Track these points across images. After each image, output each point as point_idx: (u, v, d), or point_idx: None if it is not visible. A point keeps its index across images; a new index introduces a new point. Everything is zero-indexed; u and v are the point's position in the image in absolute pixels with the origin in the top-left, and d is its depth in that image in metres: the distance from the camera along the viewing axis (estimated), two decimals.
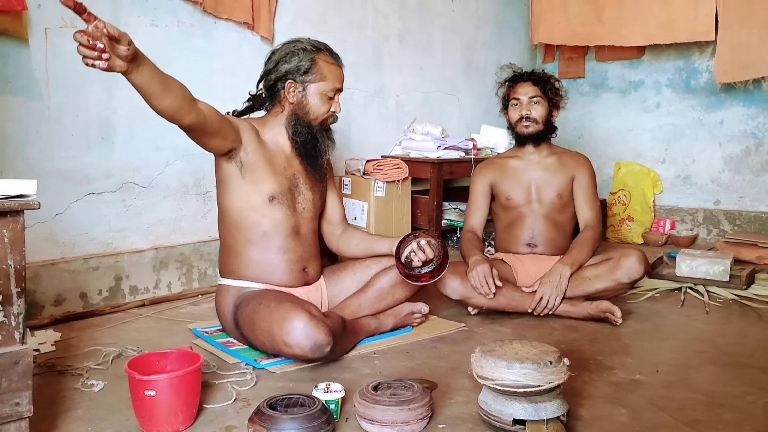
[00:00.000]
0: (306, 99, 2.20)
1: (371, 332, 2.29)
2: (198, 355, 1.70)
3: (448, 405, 1.77)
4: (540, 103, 2.81)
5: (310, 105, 2.21)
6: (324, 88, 2.20)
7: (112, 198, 2.71)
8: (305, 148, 2.24)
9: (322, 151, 2.26)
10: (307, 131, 2.22)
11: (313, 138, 2.24)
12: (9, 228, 1.30)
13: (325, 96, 2.21)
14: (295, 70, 2.19)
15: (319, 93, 2.20)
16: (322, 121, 2.25)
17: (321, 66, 2.19)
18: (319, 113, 2.22)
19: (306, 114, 2.21)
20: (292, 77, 2.19)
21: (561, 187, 2.85)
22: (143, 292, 2.80)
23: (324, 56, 2.21)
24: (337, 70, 2.24)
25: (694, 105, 4.44)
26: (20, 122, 2.42)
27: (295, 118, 2.22)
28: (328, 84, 2.20)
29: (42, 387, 1.84)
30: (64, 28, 2.49)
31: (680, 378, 1.99)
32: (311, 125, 2.23)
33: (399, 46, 3.98)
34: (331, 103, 2.24)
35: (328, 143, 2.28)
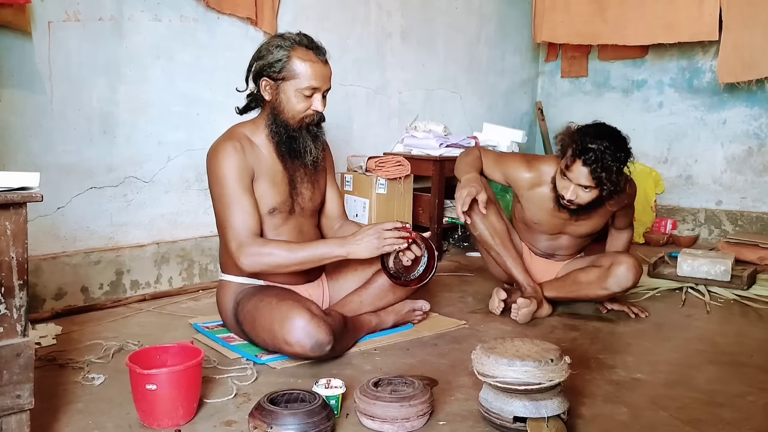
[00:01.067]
0: (280, 97, 2.10)
1: (372, 329, 2.28)
2: (199, 350, 1.70)
3: (448, 402, 1.77)
4: (591, 191, 2.40)
5: (284, 103, 2.10)
6: (298, 86, 2.07)
7: (113, 192, 2.71)
8: (281, 148, 2.14)
9: (300, 153, 2.15)
10: (283, 131, 2.12)
11: (290, 138, 2.13)
12: (12, 220, 1.30)
13: (300, 94, 2.08)
14: (268, 67, 2.09)
15: (293, 91, 2.08)
16: (300, 120, 2.12)
17: (294, 63, 2.06)
18: (294, 112, 2.10)
19: (281, 113, 2.11)
20: (266, 74, 2.10)
21: (594, 227, 2.68)
22: (144, 287, 2.80)
23: (301, 52, 2.07)
24: (315, 66, 2.07)
25: (696, 105, 4.43)
26: (23, 115, 2.42)
27: (273, 117, 2.13)
28: (301, 82, 2.06)
29: (43, 380, 1.83)
30: (68, 22, 2.49)
31: (681, 377, 1.99)
32: (288, 124, 2.12)
33: (402, 43, 3.97)
34: (310, 102, 2.10)
35: (308, 144, 2.15)
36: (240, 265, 2.03)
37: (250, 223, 2.05)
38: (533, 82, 5.16)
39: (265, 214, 2.13)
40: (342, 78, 3.60)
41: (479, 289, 3.05)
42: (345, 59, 3.61)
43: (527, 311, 2.47)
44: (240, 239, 2.03)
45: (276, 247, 2.06)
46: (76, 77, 2.54)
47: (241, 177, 2.07)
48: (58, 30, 2.47)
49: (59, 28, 2.48)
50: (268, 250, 2.04)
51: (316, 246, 2.12)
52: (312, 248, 2.10)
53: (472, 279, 3.25)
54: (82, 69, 2.55)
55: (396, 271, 2.16)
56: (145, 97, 2.77)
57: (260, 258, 2.03)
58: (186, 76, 2.90)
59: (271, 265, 2.05)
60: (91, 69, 2.59)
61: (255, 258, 2.02)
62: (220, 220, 2.09)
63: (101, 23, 2.59)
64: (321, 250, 2.09)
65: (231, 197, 2.05)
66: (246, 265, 2.03)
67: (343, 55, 3.58)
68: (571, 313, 2.67)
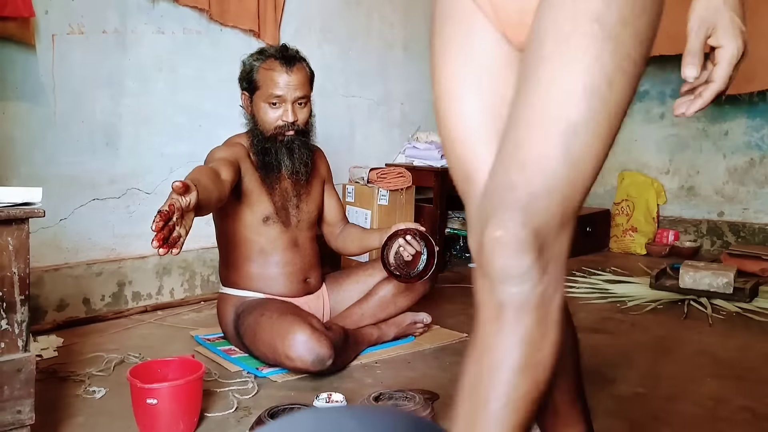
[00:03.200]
0: (253, 109, 2.18)
1: (373, 342, 2.28)
2: (199, 364, 1.70)
3: (449, 416, 1.76)
4: None
5: (258, 114, 2.16)
6: (263, 96, 2.12)
7: (116, 204, 2.71)
8: (257, 160, 2.16)
9: (273, 166, 2.15)
10: (259, 143, 2.15)
11: (264, 149, 2.15)
12: (14, 236, 1.30)
13: (267, 104, 2.12)
14: (242, 81, 2.18)
15: (262, 102, 2.14)
16: (273, 131, 2.14)
17: (259, 73, 2.13)
18: (266, 122, 2.14)
19: (258, 124, 2.16)
20: (242, 88, 2.19)
21: None
22: (146, 298, 2.80)
23: (269, 63, 2.12)
24: (278, 75, 2.10)
25: (698, 116, 4.43)
26: (27, 128, 2.43)
27: (252, 128, 2.19)
28: (265, 90, 2.12)
29: (44, 393, 1.83)
30: (71, 35, 2.51)
31: (682, 391, 1.99)
32: (264, 136, 2.15)
33: (404, 54, 3.99)
34: (278, 112, 2.12)
35: (282, 158, 2.14)
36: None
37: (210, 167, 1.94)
38: None
39: (260, 224, 2.15)
40: (344, 89, 3.61)
41: None
42: (347, 71, 3.62)
43: None
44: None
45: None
46: (79, 90, 2.56)
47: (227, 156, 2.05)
48: (62, 43, 2.49)
49: (63, 41, 2.49)
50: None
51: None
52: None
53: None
54: (85, 81, 2.57)
55: (396, 267, 2.19)
56: (148, 109, 2.78)
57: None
58: (189, 89, 2.91)
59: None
60: (95, 81, 2.60)
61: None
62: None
63: (105, 36, 2.61)
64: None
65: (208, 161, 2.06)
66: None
67: (345, 67, 3.60)
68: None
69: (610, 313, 2.86)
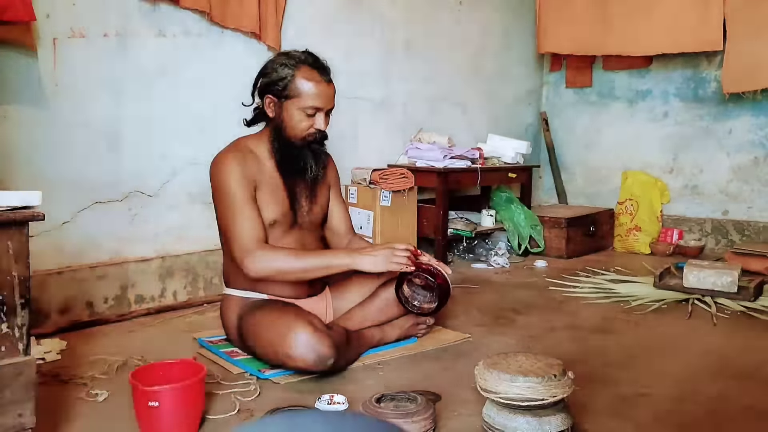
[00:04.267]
0: (283, 115, 2.12)
1: (376, 343, 2.28)
2: (201, 366, 1.70)
3: (451, 417, 1.76)
4: None
5: (287, 121, 2.12)
6: (301, 105, 2.09)
7: (118, 207, 2.72)
8: (283, 165, 2.16)
9: (300, 170, 2.17)
10: (285, 148, 2.15)
11: (291, 155, 2.15)
12: (13, 239, 1.30)
13: (303, 113, 2.10)
14: (272, 85, 2.11)
15: (297, 110, 2.10)
16: (302, 138, 2.14)
17: (298, 82, 2.08)
18: (297, 130, 2.12)
19: (284, 130, 2.13)
20: (271, 92, 2.13)
21: None
22: (149, 301, 2.80)
23: (305, 71, 2.09)
24: (318, 86, 2.09)
25: (702, 115, 4.42)
26: (29, 132, 2.44)
27: (276, 134, 2.15)
28: (304, 101, 2.09)
29: (47, 396, 1.84)
30: (73, 38, 2.51)
31: (687, 391, 1.97)
32: (290, 142, 2.14)
33: (405, 55, 3.98)
34: (312, 121, 2.12)
35: (308, 161, 2.16)
36: (247, 271, 2.03)
37: (256, 230, 2.05)
38: (538, 92, 5.16)
39: (266, 226, 2.14)
40: (346, 90, 3.60)
41: (484, 301, 3.04)
42: (349, 71, 3.62)
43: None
44: (247, 246, 2.03)
45: (283, 253, 2.06)
46: (81, 93, 2.56)
47: (244, 187, 2.08)
48: (63, 46, 2.49)
49: (64, 45, 2.50)
50: (275, 255, 2.04)
51: (323, 253, 2.15)
52: (320, 256, 2.11)
53: (477, 291, 3.25)
54: (87, 85, 2.57)
55: (407, 298, 2.22)
56: (150, 112, 2.78)
57: (267, 263, 2.02)
58: (190, 91, 2.91)
59: (279, 270, 2.04)
60: (96, 85, 2.61)
61: (262, 263, 2.02)
62: (226, 229, 2.09)
63: (106, 39, 2.61)
64: (328, 257, 2.10)
65: (236, 206, 2.06)
66: (253, 270, 2.02)
67: (347, 68, 3.59)
68: (576, 326, 2.66)
69: (614, 313, 2.85)
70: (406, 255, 2.09)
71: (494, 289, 3.31)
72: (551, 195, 5.16)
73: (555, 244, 4.15)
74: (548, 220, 4.18)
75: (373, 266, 2.07)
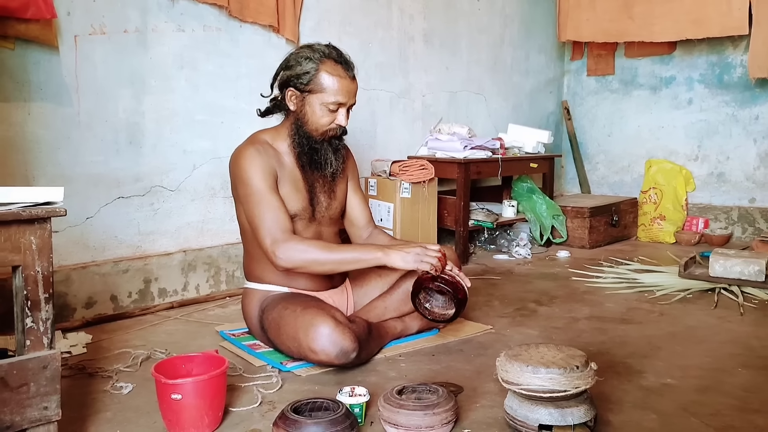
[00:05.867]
0: (305, 109, 2.11)
1: (397, 335, 2.28)
2: (223, 359, 1.71)
3: (473, 409, 1.75)
4: None
5: (309, 115, 2.11)
6: (324, 100, 2.08)
7: (140, 202, 2.74)
8: (302, 159, 2.16)
9: (321, 164, 2.17)
10: (305, 142, 2.14)
11: (311, 149, 2.14)
12: (36, 235, 1.32)
13: (326, 108, 2.09)
14: (295, 78, 2.09)
15: (319, 104, 2.09)
16: (323, 133, 2.14)
17: (322, 76, 2.07)
18: (318, 125, 2.12)
19: (305, 124, 2.12)
20: (293, 85, 2.11)
21: None
22: (172, 295, 2.83)
23: (329, 66, 2.08)
24: (342, 82, 2.08)
25: (727, 101, 4.34)
26: (51, 128, 2.47)
27: (296, 128, 2.14)
28: (327, 96, 2.07)
29: (73, 389, 1.87)
30: (93, 35, 2.53)
31: (713, 382, 1.95)
32: (311, 136, 2.13)
33: (424, 46, 3.96)
34: (334, 116, 2.11)
35: (328, 156, 2.16)
36: (277, 260, 2.01)
37: (282, 220, 2.05)
38: (559, 81, 5.10)
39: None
40: (365, 82, 3.60)
41: (506, 293, 3.02)
42: (368, 64, 3.61)
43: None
44: (275, 236, 2.02)
45: (312, 244, 2.05)
46: (102, 89, 2.58)
47: (266, 177, 2.08)
48: (84, 43, 2.52)
49: (85, 42, 2.52)
50: (304, 246, 2.03)
51: (354, 247, 2.14)
52: (351, 249, 2.11)
53: (499, 282, 3.23)
54: (108, 81, 2.59)
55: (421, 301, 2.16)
56: (170, 106, 2.80)
57: (297, 253, 2.01)
58: (210, 85, 2.93)
59: (307, 260, 2.03)
60: (117, 81, 2.63)
61: (291, 253, 2.01)
62: (251, 220, 2.08)
63: (126, 35, 2.63)
64: (360, 251, 2.09)
65: (259, 196, 2.06)
66: (282, 259, 2.01)
67: (365, 60, 3.58)
68: (600, 316, 2.63)
69: (638, 303, 2.82)
70: (437, 257, 2.06)
71: (516, 280, 3.29)
72: (573, 185, 5.11)
73: (578, 235, 4.11)
74: (570, 210, 4.14)
75: (404, 263, 2.05)
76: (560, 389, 1.51)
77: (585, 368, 1.56)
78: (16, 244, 1.30)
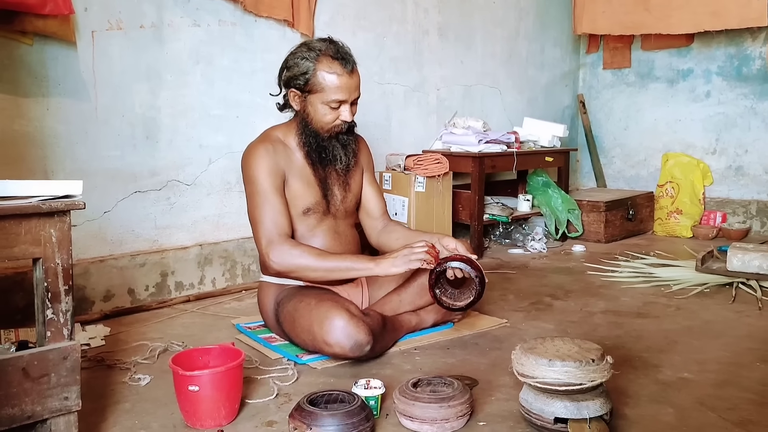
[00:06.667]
0: (308, 108, 2.12)
1: (412, 329, 2.28)
2: (239, 351, 1.72)
3: (488, 402, 1.75)
4: None
5: (312, 114, 2.11)
6: (324, 99, 2.07)
7: (157, 196, 2.76)
8: (312, 156, 2.16)
9: (330, 160, 2.17)
10: (313, 140, 2.14)
11: (319, 147, 2.15)
12: (56, 228, 1.33)
13: (327, 106, 2.09)
14: (294, 79, 2.10)
15: (320, 103, 2.09)
16: (329, 130, 2.14)
17: (319, 75, 2.05)
18: (323, 123, 2.12)
19: (310, 123, 2.13)
20: (294, 86, 2.11)
21: None
22: (188, 288, 2.85)
23: (326, 64, 2.06)
24: (340, 79, 2.06)
25: (746, 93, 4.29)
26: (70, 123, 2.49)
27: (303, 126, 2.15)
28: (327, 95, 2.07)
29: (92, 381, 1.89)
30: (110, 30, 2.55)
31: (730, 376, 1.93)
32: (318, 134, 2.14)
33: (439, 39, 3.95)
34: (338, 113, 2.10)
35: (337, 152, 2.17)
36: (268, 263, 2.04)
37: (280, 223, 2.07)
38: (574, 74, 5.07)
39: (299, 215, 2.15)
40: (379, 76, 3.60)
41: (521, 287, 3.01)
42: (382, 57, 3.61)
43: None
44: (270, 237, 2.05)
45: (306, 250, 2.05)
46: (119, 84, 2.61)
47: (272, 178, 2.09)
48: (101, 39, 2.54)
49: (102, 37, 2.54)
50: (298, 252, 2.04)
51: (346, 257, 2.11)
52: (343, 259, 2.09)
53: (514, 276, 3.22)
54: (124, 76, 2.61)
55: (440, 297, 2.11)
56: (186, 101, 2.82)
57: (289, 258, 2.03)
58: (225, 80, 2.94)
59: (299, 266, 2.04)
60: (134, 76, 2.65)
61: (285, 257, 2.03)
62: (252, 219, 2.12)
63: (142, 31, 2.65)
64: (351, 262, 2.07)
65: (262, 196, 2.08)
66: (274, 263, 2.03)
67: (380, 54, 3.58)
68: (615, 310, 2.62)
69: (654, 298, 2.80)
70: (423, 250, 2.03)
71: (531, 274, 3.28)
72: (589, 179, 5.08)
73: (593, 229, 4.09)
74: (586, 204, 4.12)
75: (395, 269, 2.02)
76: (576, 382, 1.51)
77: (601, 361, 1.55)
78: (36, 237, 1.32)
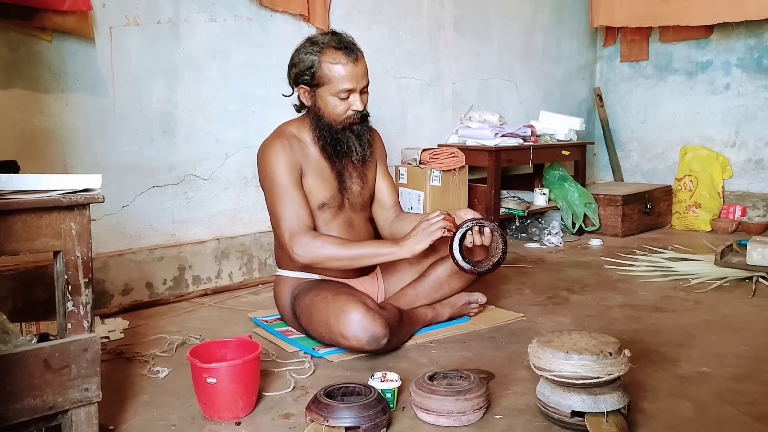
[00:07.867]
0: (318, 103, 2.12)
1: (428, 322, 2.28)
2: (257, 344, 1.74)
3: (505, 396, 1.75)
4: None
5: (323, 108, 2.12)
6: (332, 90, 2.08)
7: (174, 190, 2.78)
8: (328, 150, 2.16)
9: (345, 152, 2.18)
10: (327, 134, 2.15)
11: (334, 140, 2.15)
12: (76, 221, 1.35)
13: (337, 98, 2.09)
14: (301, 75, 2.11)
15: (329, 95, 2.09)
16: (342, 122, 2.14)
17: (325, 68, 2.06)
18: (335, 115, 2.12)
19: (323, 117, 2.13)
20: (302, 82, 2.12)
21: None
22: (206, 282, 2.87)
23: (329, 55, 2.06)
24: (346, 68, 2.06)
25: (766, 85, 4.23)
26: (88, 118, 2.51)
27: (316, 120, 2.15)
28: (335, 86, 2.07)
29: (111, 373, 1.91)
30: (128, 26, 2.57)
31: (750, 371, 1.91)
32: (331, 127, 2.14)
33: (455, 33, 3.93)
34: (348, 103, 2.10)
35: (352, 143, 2.17)
36: (292, 255, 2.05)
37: (302, 216, 2.08)
38: (591, 67, 5.03)
39: (315, 209, 2.16)
40: (395, 70, 3.59)
41: (537, 281, 3.00)
42: (398, 51, 3.60)
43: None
44: (293, 230, 2.05)
45: (329, 240, 2.07)
46: (136, 79, 2.63)
47: (291, 172, 2.10)
48: (119, 34, 2.55)
49: (120, 33, 2.56)
50: (321, 242, 2.05)
51: (371, 243, 2.14)
52: (368, 245, 2.11)
53: (530, 270, 3.21)
54: (142, 71, 2.63)
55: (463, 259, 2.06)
56: (203, 96, 2.83)
57: (313, 249, 2.04)
58: (241, 75, 2.95)
59: (324, 256, 2.05)
60: (151, 71, 2.67)
61: (308, 249, 2.04)
62: (273, 214, 2.13)
63: (159, 26, 2.66)
64: (376, 247, 2.10)
65: (282, 190, 2.09)
66: (298, 255, 2.04)
67: (395, 48, 3.58)
68: (633, 304, 2.60)
69: (672, 292, 2.78)
70: (440, 218, 2.05)
71: (548, 268, 3.27)
72: (606, 172, 5.04)
73: (610, 223, 4.06)
74: (603, 198, 4.09)
75: (418, 245, 2.03)
76: (593, 376, 1.50)
77: (618, 355, 1.55)
78: (57, 230, 1.33)
